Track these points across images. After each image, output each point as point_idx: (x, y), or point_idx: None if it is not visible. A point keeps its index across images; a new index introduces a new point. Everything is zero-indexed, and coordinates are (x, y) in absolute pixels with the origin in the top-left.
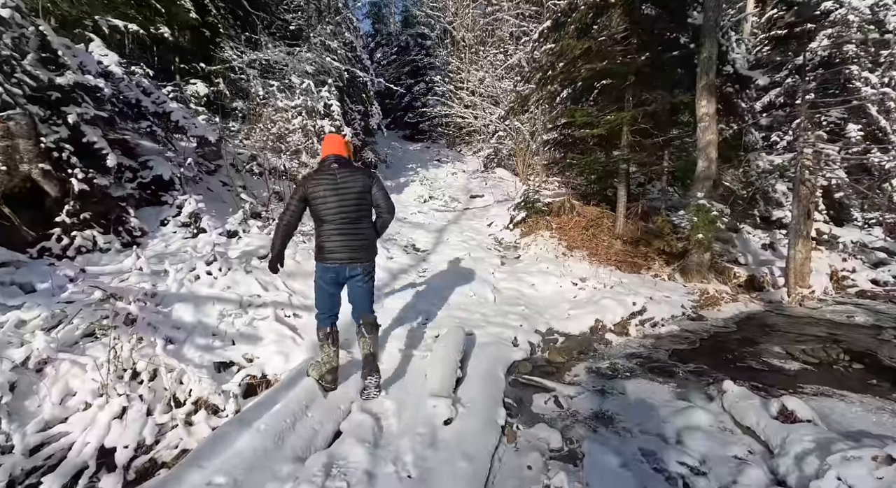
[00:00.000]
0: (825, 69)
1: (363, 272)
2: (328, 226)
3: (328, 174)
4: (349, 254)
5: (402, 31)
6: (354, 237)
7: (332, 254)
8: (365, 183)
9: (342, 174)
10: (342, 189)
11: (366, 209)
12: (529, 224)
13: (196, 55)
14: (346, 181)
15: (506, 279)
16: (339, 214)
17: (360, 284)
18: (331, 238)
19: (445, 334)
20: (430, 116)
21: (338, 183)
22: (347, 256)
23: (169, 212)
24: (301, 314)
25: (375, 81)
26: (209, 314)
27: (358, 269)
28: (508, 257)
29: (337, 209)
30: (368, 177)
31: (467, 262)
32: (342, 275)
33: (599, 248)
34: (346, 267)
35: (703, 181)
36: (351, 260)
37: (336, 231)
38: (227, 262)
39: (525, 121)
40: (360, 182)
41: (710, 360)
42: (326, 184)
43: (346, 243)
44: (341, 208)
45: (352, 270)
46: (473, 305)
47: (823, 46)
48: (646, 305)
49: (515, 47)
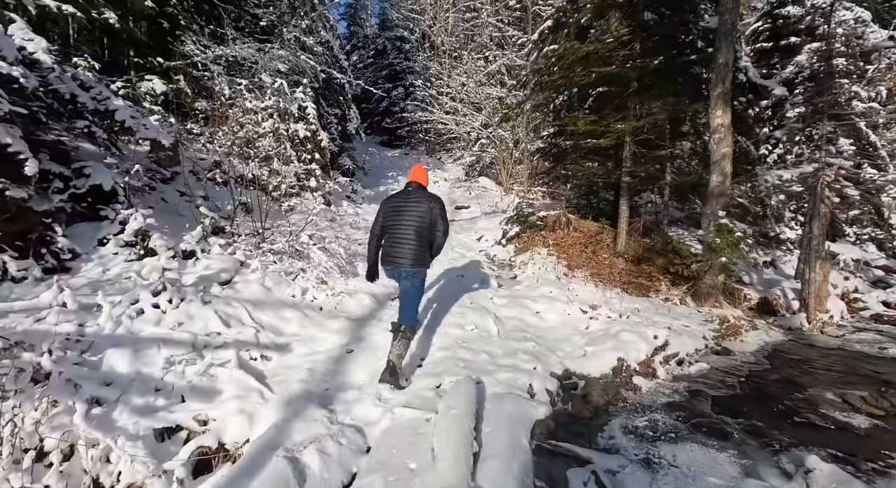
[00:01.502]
0: (812, 82)
1: (412, 274)
2: (393, 235)
3: (404, 195)
4: (403, 258)
5: (380, 33)
6: (411, 246)
7: (393, 259)
8: (428, 205)
9: (414, 197)
10: (410, 208)
11: (424, 226)
12: (524, 240)
13: (153, 49)
14: (414, 201)
15: (507, 305)
16: (402, 226)
17: (407, 283)
18: (393, 245)
19: (453, 388)
20: (409, 122)
21: (409, 203)
22: (401, 260)
23: (109, 229)
24: (271, 355)
25: (353, 84)
26: (152, 362)
27: (410, 271)
28: (504, 277)
29: (402, 223)
30: (431, 201)
31: (461, 284)
32: (398, 275)
33: (601, 268)
34: (398, 268)
35: (717, 197)
36: (403, 263)
37: (398, 240)
38: (180, 291)
39: (508, 128)
40: (424, 205)
41: (760, 412)
42: (400, 202)
43: (402, 249)
44: (405, 222)
45: (404, 272)
46: (476, 341)
47: (810, 60)
48: (668, 338)
49: (495, 54)
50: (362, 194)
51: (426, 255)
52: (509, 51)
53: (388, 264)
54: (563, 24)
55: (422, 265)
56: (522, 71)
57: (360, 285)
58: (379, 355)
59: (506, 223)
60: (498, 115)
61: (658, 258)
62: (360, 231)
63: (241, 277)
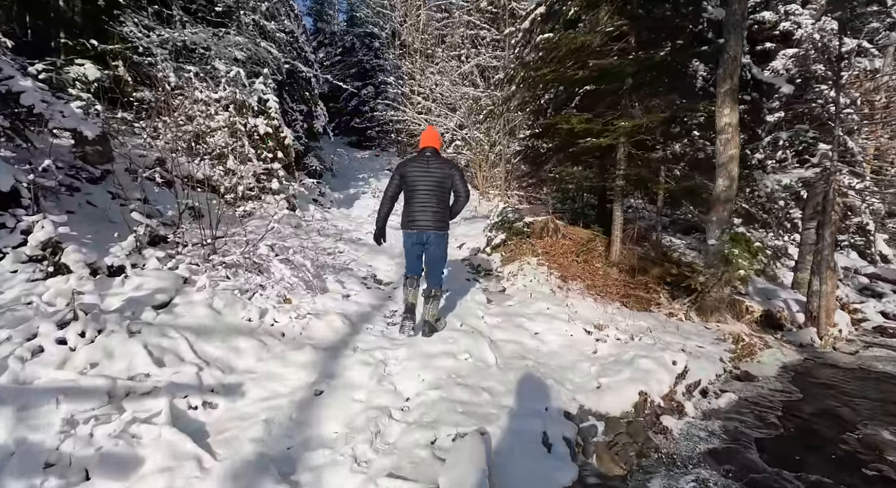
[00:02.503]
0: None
1: (436, 237)
2: (415, 201)
3: (423, 160)
4: (426, 223)
5: (348, 30)
6: (434, 210)
7: (414, 223)
8: (448, 172)
9: (435, 163)
10: (430, 174)
11: (445, 191)
12: (511, 248)
13: (86, 29)
14: (434, 168)
15: (500, 326)
16: (424, 192)
17: (433, 248)
18: (415, 210)
19: (456, 451)
20: (379, 122)
21: (430, 169)
22: (425, 224)
23: (8, 240)
24: (217, 401)
25: (321, 78)
26: (46, 423)
27: (432, 236)
28: (492, 290)
29: (423, 188)
30: (451, 168)
31: (447, 300)
32: (421, 239)
33: (596, 278)
34: (423, 233)
35: (724, 203)
36: (428, 227)
37: (420, 204)
38: (98, 320)
39: (483, 130)
40: (445, 171)
41: (817, 462)
42: (420, 168)
43: (425, 214)
44: (426, 187)
45: (427, 236)
46: (472, 374)
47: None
48: (687, 364)
49: (468, 52)
50: (331, 197)
51: (447, 219)
52: (484, 50)
53: (410, 227)
54: (556, 12)
55: (445, 229)
56: (500, 71)
57: (330, 304)
58: (356, 396)
59: (490, 230)
60: (473, 115)
61: (653, 268)
62: (328, 239)
63: (183, 298)
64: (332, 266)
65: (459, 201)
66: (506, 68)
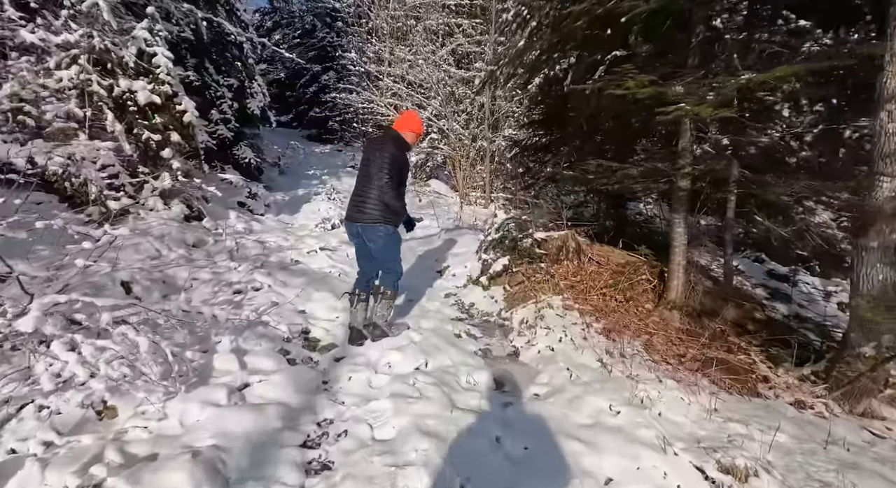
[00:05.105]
0: None
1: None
2: (354, 186)
3: (379, 139)
4: (356, 212)
5: (307, 11)
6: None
7: (347, 211)
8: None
9: (379, 142)
10: (374, 156)
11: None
12: (519, 280)
13: None
14: (377, 149)
15: (535, 469)
16: (362, 176)
17: (372, 246)
18: (351, 196)
19: None
20: (341, 112)
21: (373, 150)
22: (355, 213)
23: None
24: None
25: (257, 44)
26: None
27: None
28: (497, 355)
29: (362, 172)
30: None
31: (424, 387)
32: (354, 231)
33: (653, 331)
34: (353, 224)
35: (891, 219)
36: (357, 217)
37: (355, 191)
38: None
39: (463, 122)
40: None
41: None
42: (370, 148)
43: (356, 202)
44: (364, 172)
45: (358, 228)
46: None
47: None
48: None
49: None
50: (268, 200)
51: (387, 212)
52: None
53: (347, 218)
54: None
55: (382, 222)
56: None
57: (193, 417)
58: None
59: (485, 250)
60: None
61: (725, 308)
62: (243, 265)
63: None
64: (234, 319)
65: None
66: (493, 44)
